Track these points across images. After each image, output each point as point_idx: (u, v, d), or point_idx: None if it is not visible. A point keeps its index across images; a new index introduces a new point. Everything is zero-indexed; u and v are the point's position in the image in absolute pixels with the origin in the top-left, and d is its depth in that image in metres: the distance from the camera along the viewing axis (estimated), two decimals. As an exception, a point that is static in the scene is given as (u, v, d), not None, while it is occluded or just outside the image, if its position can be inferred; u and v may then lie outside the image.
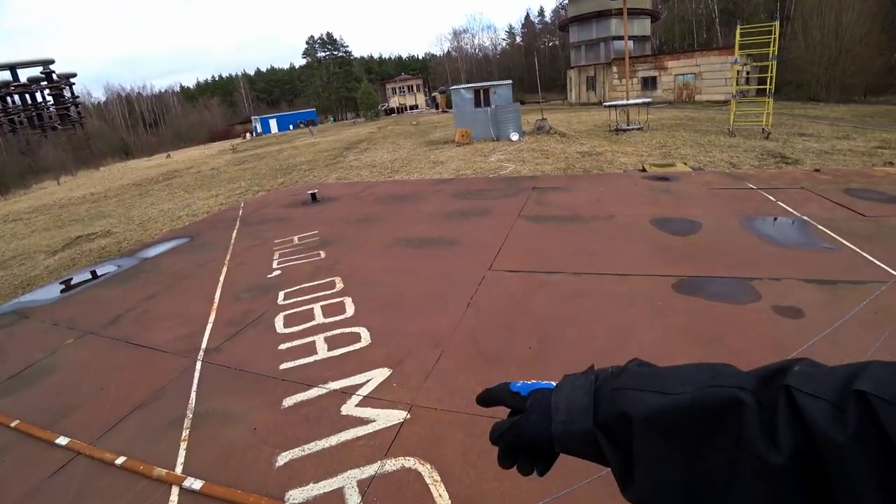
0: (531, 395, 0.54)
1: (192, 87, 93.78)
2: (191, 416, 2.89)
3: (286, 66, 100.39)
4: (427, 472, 2.23)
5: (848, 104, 34.84)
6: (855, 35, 35.18)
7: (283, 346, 3.48)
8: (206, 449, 2.60)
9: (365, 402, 2.78)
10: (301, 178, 12.51)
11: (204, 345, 3.65)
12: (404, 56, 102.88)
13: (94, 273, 6.20)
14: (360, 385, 2.94)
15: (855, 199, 6.41)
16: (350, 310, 3.94)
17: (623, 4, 20.11)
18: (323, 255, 5.41)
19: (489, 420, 2.25)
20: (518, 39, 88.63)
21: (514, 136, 16.18)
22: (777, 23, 14.97)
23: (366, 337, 3.48)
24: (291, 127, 54.59)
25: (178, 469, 2.46)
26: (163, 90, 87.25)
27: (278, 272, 4.99)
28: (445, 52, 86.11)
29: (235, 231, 7.17)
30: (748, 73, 26.89)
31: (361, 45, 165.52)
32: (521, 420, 0.52)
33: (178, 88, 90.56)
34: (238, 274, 5.09)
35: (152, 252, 6.83)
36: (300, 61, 78.84)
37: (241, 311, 4.13)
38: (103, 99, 78.89)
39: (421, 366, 3.07)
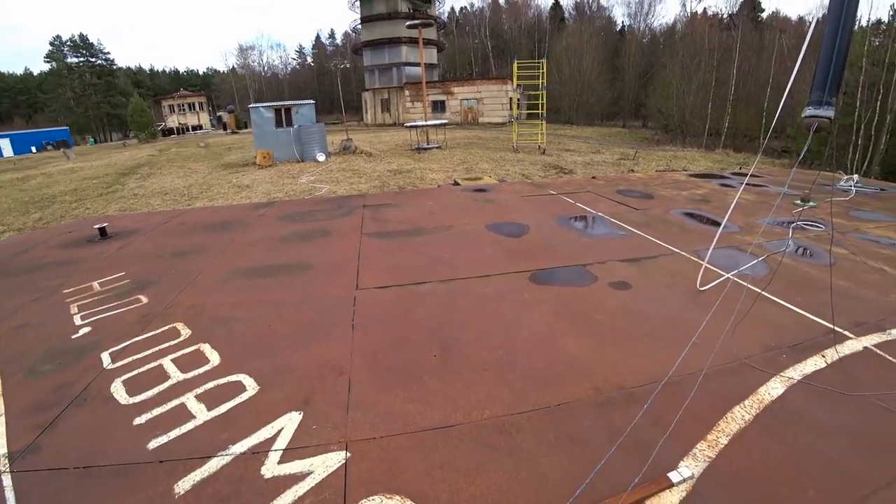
0: None
1: None
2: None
3: (19, 70, 79.09)
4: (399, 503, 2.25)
5: (592, 126, 45.88)
6: (592, 74, 48.35)
7: (140, 420, 2.91)
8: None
9: (288, 455, 2.57)
10: (68, 212, 10.12)
11: (3, 449, 2.76)
12: (181, 70, 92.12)
13: None
14: (272, 438, 2.69)
15: (626, 197, 8.55)
16: (214, 357, 3.53)
17: (419, 34, 22.26)
18: (145, 299, 4.62)
19: (436, 433, 2.55)
20: (309, 60, 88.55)
21: (321, 157, 16.21)
22: (545, 60, 18.69)
23: (250, 384, 3.20)
24: (35, 149, 42.95)
25: None
26: None
27: (87, 329, 4.07)
28: (230, 68, 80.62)
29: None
30: (520, 99, 32.35)
31: (127, 54, 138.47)
32: None
33: None
34: (21, 341, 3.96)
35: None
36: (42, 66, 62.40)
37: (49, 389, 3.26)
38: None
39: (334, 398, 3.01)
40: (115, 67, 62.38)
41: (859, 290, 4.63)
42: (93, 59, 59.76)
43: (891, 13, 27.91)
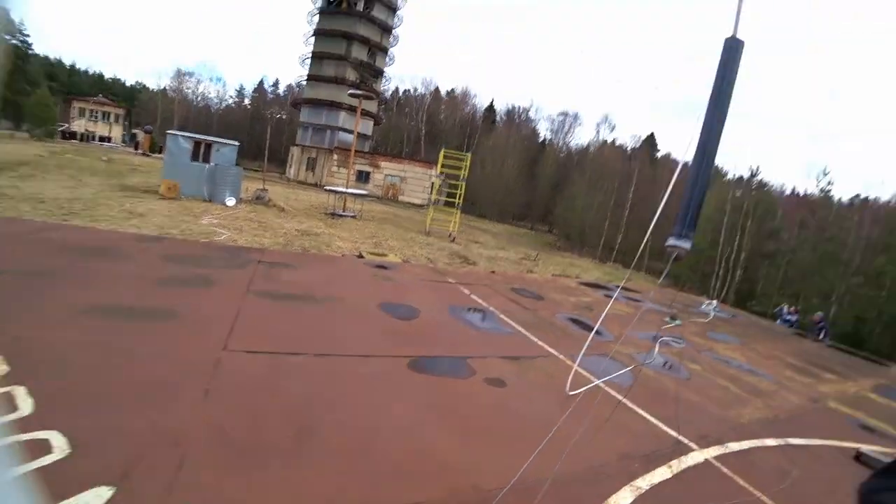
0: None
1: None
2: None
3: None
4: None
5: (504, 224, 48.74)
6: (511, 175, 52.66)
7: None
8: None
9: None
10: None
11: None
12: (107, 75, 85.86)
13: None
14: (62, 519, 2.26)
15: (519, 295, 8.95)
16: (25, 405, 2.96)
17: (358, 105, 23.02)
18: (-51, 325, 3.88)
19: None
20: (247, 101, 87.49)
21: (230, 202, 15.49)
22: (470, 154, 20.06)
23: (60, 444, 2.70)
24: None
25: None
26: None
27: None
28: (162, 88, 76.81)
29: None
30: (441, 185, 34.00)
31: (47, 41, 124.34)
32: None
33: None
34: None
35: None
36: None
37: None
38: None
39: (159, 475, 2.61)
40: (30, 53, 57.14)
41: (707, 404, 5.09)
42: (7, 36, 54.40)
43: (749, 172, 33.94)
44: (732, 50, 3.40)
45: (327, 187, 22.65)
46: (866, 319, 23.01)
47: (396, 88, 79.38)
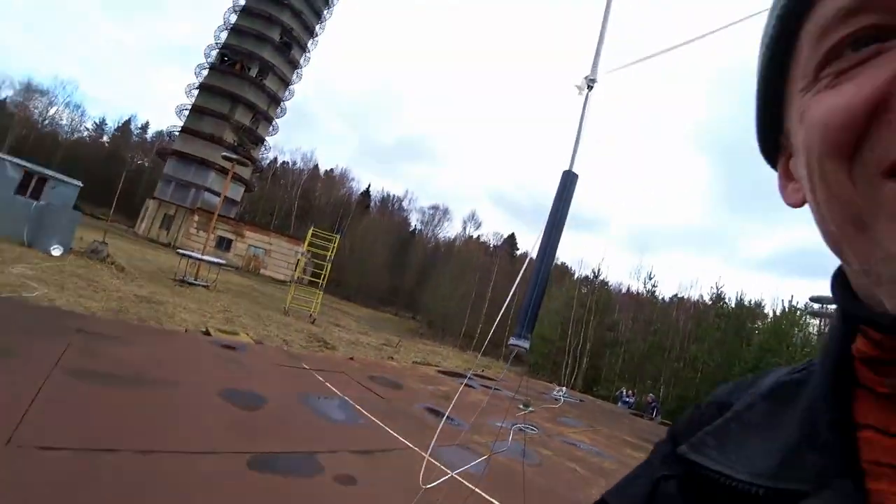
0: None
1: None
2: None
3: None
4: None
5: (368, 308, 48.15)
6: (380, 261, 53.16)
7: None
8: None
9: None
10: None
11: None
12: None
13: None
14: None
15: (375, 384, 8.72)
16: None
17: (231, 168, 21.74)
18: None
19: None
20: (105, 138, 77.00)
21: (57, 251, 13.06)
22: (338, 236, 19.98)
23: None
24: None
25: None
26: None
27: None
28: (1, 98, 64.03)
29: None
30: (306, 264, 32.96)
31: None
32: None
33: None
34: None
35: None
36: None
37: None
38: None
39: None
40: None
41: (557, 486, 5.25)
42: None
43: (592, 273, 38.67)
44: (568, 180, 4.01)
45: (181, 250, 20.53)
46: (687, 398, 26.65)
47: (275, 159, 77.89)
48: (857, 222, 0.32)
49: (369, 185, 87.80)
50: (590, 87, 4.52)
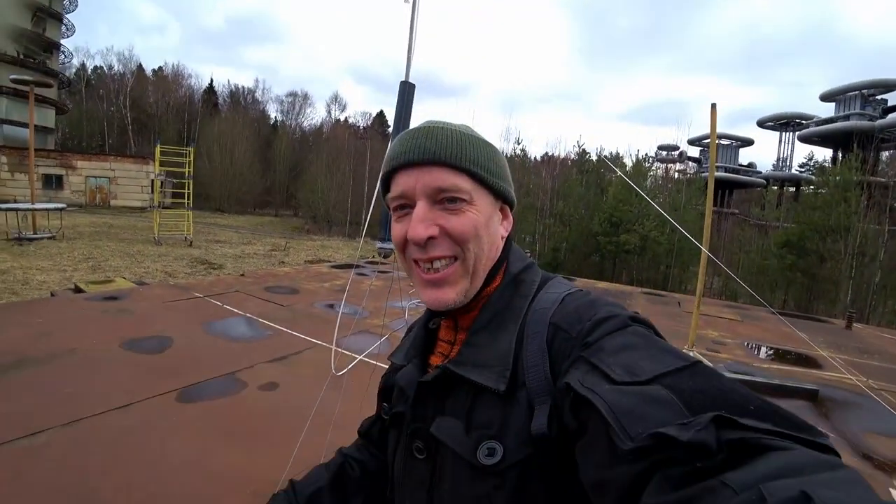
0: None
1: None
2: None
3: None
4: None
5: (245, 215, 45.86)
6: (245, 163, 49.10)
7: None
8: None
9: None
10: None
11: None
12: None
13: None
14: None
15: (274, 294, 9.24)
16: None
17: (31, 91, 17.86)
18: None
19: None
20: None
21: None
22: (192, 149, 18.24)
23: None
24: None
25: None
26: None
27: None
28: None
29: None
30: (163, 184, 29.94)
31: None
32: None
33: None
34: None
35: None
36: None
37: None
38: None
39: None
40: None
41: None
42: None
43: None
44: (406, 90, 4.46)
45: (1, 205, 17.76)
46: (560, 249, 30.95)
47: (83, 65, 64.30)
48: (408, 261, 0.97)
49: (211, 80, 77.46)
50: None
